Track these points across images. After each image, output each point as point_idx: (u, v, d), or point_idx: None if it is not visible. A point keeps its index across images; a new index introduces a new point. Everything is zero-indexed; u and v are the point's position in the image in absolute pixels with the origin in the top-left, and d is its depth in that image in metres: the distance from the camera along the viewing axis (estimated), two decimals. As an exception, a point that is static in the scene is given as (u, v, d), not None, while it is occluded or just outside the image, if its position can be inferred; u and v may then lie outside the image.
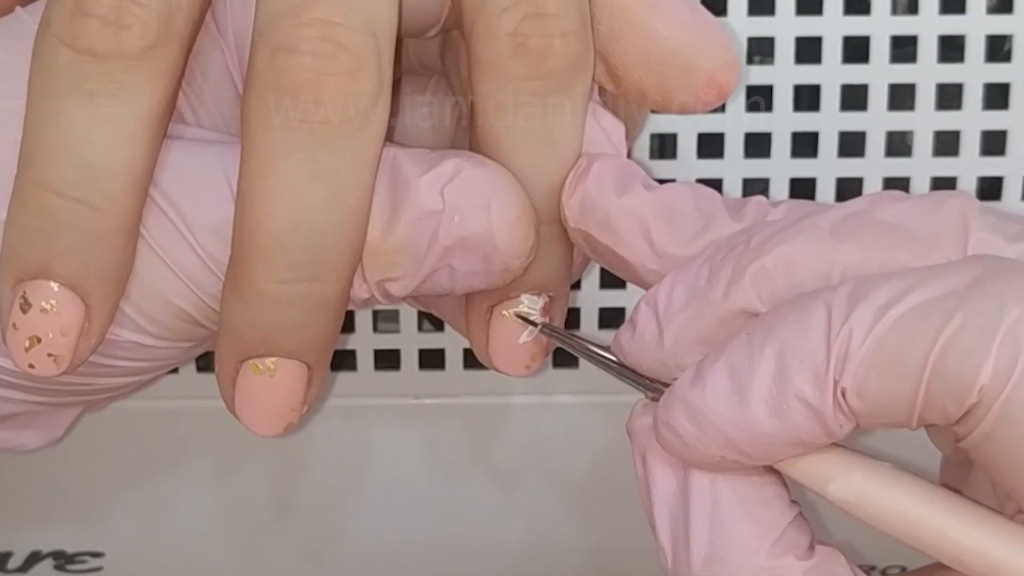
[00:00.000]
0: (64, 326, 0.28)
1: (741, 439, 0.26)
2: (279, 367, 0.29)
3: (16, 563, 0.42)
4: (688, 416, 0.27)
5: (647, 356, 0.29)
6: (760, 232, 0.28)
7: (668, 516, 0.28)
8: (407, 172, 0.29)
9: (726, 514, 0.28)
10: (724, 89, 0.30)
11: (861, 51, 0.35)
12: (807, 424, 0.26)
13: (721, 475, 0.28)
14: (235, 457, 0.40)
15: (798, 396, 0.26)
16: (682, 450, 0.27)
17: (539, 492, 0.40)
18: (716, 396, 0.26)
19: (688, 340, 0.28)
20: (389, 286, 0.29)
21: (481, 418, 0.39)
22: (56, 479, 0.40)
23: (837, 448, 0.27)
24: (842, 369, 0.25)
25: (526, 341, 0.31)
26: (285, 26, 0.27)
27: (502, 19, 0.28)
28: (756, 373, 0.26)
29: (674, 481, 0.28)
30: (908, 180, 0.36)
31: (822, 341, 0.26)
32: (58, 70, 0.27)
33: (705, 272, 0.28)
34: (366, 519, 0.41)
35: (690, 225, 0.29)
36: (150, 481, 0.40)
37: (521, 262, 0.29)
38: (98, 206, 0.27)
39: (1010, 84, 0.35)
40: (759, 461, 0.27)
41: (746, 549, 0.27)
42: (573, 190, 0.30)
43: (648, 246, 0.29)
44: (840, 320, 0.25)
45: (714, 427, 0.27)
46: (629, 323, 0.29)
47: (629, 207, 0.29)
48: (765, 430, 0.26)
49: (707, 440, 0.27)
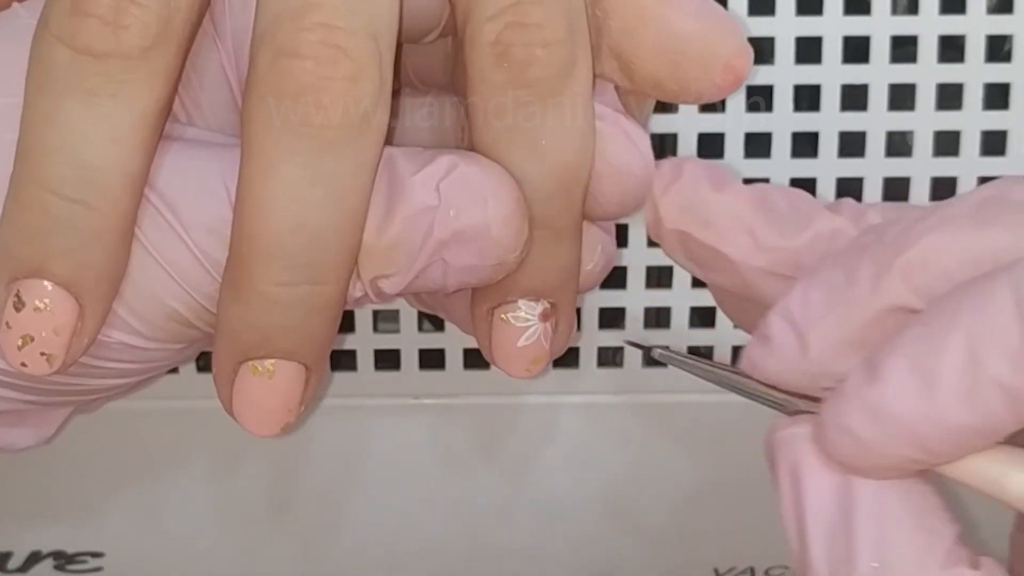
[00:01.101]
0: (58, 325, 0.28)
1: (932, 434, 0.25)
2: (278, 368, 0.29)
3: (16, 563, 0.42)
4: (869, 416, 0.26)
5: (789, 369, 0.28)
6: (892, 228, 0.27)
7: (825, 532, 0.27)
8: (401, 170, 0.29)
9: (896, 525, 0.26)
10: (740, 74, 0.30)
11: (861, 51, 0.35)
12: (1004, 410, 0.25)
13: (888, 485, 0.27)
14: (234, 457, 0.40)
15: (996, 380, 0.25)
16: (857, 454, 0.26)
17: (540, 492, 0.40)
18: (900, 391, 0.25)
19: (836, 345, 0.27)
20: (382, 283, 0.29)
21: (481, 418, 0.39)
22: (56, 479, 0.40)
23: (1001, 446, 0.26)
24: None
25: (526, 344, 0.31)
26: (287, 30, 0.27)
27: (486, 28, 0.28)
28: (944, 362, 0.25)
29: (831, 495, 0.27)
30: (908, 180, 0.36)
31: (1015, 320, 0.25)
32: (56, 69, 0.27)
33: (840, 274, 0.27)
34: (365, 519, 0.41)
35: (791, 220, 0.29)
36: (149, 481, 0.40)
37: (515, 256, 0.29)
38: (94, 205, 0.27)
39: (1010, 84, 0.35)
40: (946, 458, 0.26)
41: (919, 560, 0.26)
42: (666, 190, 0.30)
43: (752, 241, 0.29)
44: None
45: (901, 424, 0.25)
46: (761, 338, 0.28)
47: (729, 203, 0.29)
48: (958, 421, 0.25)
49: (890, 440, 0.26)
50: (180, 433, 0.39)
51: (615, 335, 0.37)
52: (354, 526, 0.41)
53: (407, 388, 0.39)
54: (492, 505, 0.41)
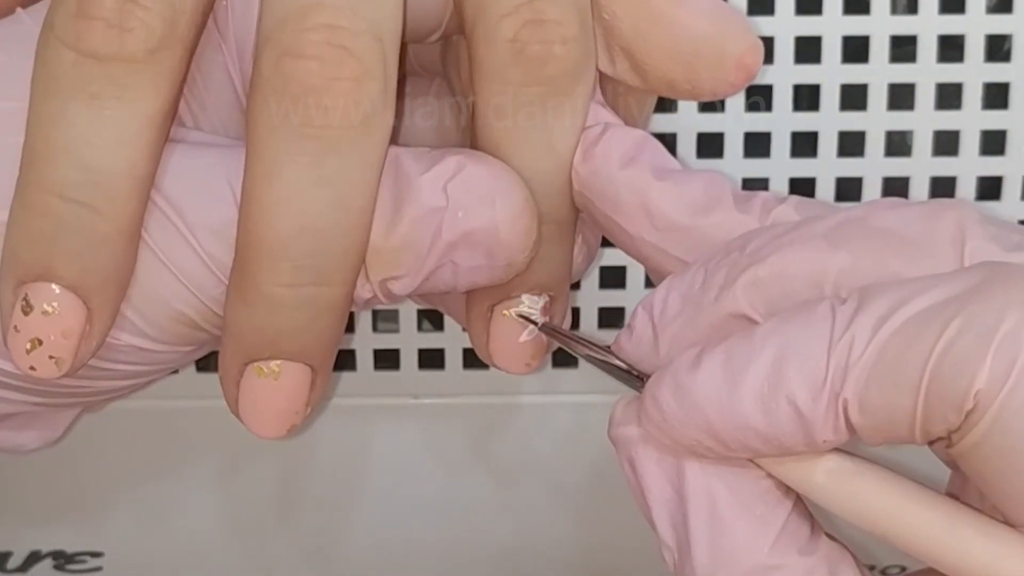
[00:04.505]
0: (66, 328, 0.28)
1: (721, 426, 0.26)
2: (284, 370, 0.29)
3: (16, 563, 0.42)
4: (674, 392, 0.27)
5: (645, 359, 0.29)
6: (757, 238, 0.28)
7: (668, 518, 0.28)
8: (409, 171, 0.29)
9: (724, 512, 0.27)
10: (752, 71, 0.30)
11: (861, 51, 0.35)
12: (791, 428, 0.26)
13: (715, 472, 0.28)
14: (235, 457, 0.40)
15: (789, 398, 0.26)
16: (660, 427, 0.27)
17: (539, 491, 0.40)
18: (706, 379, 0.26)
19: (683, 345, 0.28)
20: (391, 285, 0.29)
21: (481, 418, 0.39)
22: (56, 479, 0.40)
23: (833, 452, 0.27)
24: (843, 379, 0.25)
25: (526, 340, 0.31)
26: (291, 31, 0.27)
27: (502, 25, 0.28)
28: (752, 365, 0.26)
29: (668, 483, 0.28)
30: (908, 180, 0.36)
31: (823, 348, 0.25)
32: (61, 72, 0.27)
33: (700, 277, 0.28)
34: (366, 518, 0.41)
35: (694, 205, 0.29)
36: (150, 481, 0.40)
37: (525, 256, 0.29)
38: (100, 209, 0.27)
39: (1010, 84, 0.35)
40: (733, 453, 0.27)
41: (748, 546, 0.27)
42: (585, 154, 0.30)
43: (647, 218, 0.29)
44: (842, 328, 0.25)
45: (697, 408, 0.26)
46: (628, 327, 0.29)
47: (631, 178, 0.29)
48: (748, 423, 0.26)
49: (688, 420, 0.27)
50: (182, 433, 0.39)
51: (615, 335, 0.37)
52: (353, 525, 0.41)
53: (406, 388, 0.39)
54: (491, 504, 0.41)
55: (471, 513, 0.41)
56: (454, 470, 0.40)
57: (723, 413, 0.26)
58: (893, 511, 0.26)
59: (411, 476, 0.40)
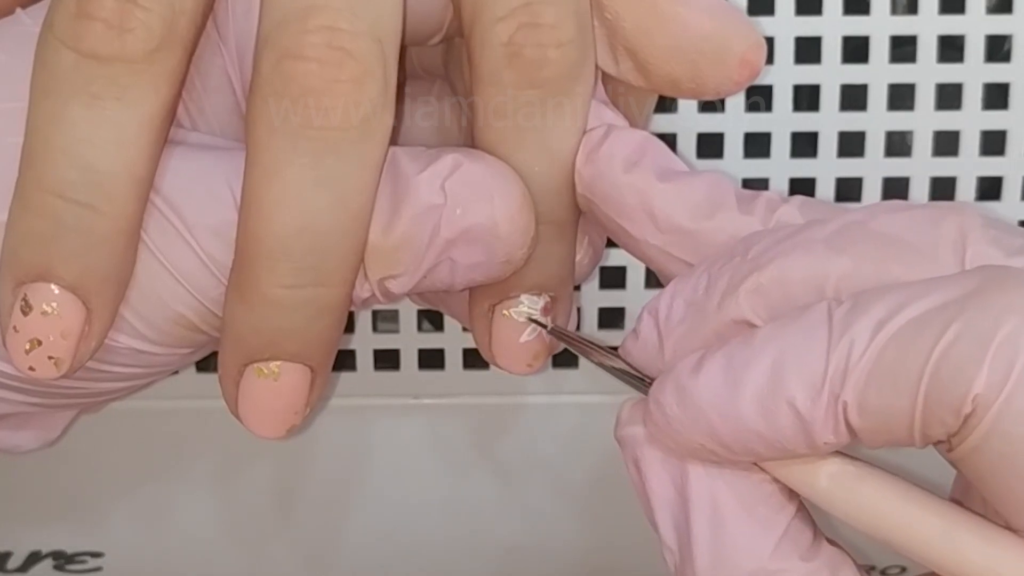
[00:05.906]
0: (65, 329, 0.28)
1: (723, 430, 0.26)
2: (283, 370, 0.29)
3: (16, 563, 0.42)
4: (677, 396, 0.27)
5: (650, 363, 0.29)
6: (760, 242, 0.28)
7: (670, 520, 0.28)
8: (406, 169, 0.29)
9: (726, 515, 0.28)
10: (756, 68, 0.30)
11: (861, 51, 0.35)
12: (791, 431, 0.26)
13: (719, 475, 0.28)
14: (235, 457, 0.40)
15: (788, 401, 0.26)
16: (664, 430, 0.27)
17: (540, 491, 0.40)
18: (707, 382, 0.27)
19: (687, 350, 0.28)
20: (390, 284, 0.29)
21: (481, 417, 0.39)
22: (56, 479, 0.40)
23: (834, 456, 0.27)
24: (842, 382, 0.25)
25: (528, 340, 0.31)
26: (291, 32, 0.27)
27: (497, 28, 0.28)
28: (752, 369, 0.26)
29: (671, 485, 0.28)
30: (907, 180, 0.36)
31: (822, 352, 0.26)
32: (61, 73, 0.27)
33: (704, 282, 0.28)
34: (366, 518, 0.41)
35: (698, 207, 0.29)
36: (150, 481, 0.40)
37: (523, 253, 0.29)
38: (100, 209, 0.27)
39: (1010, 84, 0.35)
40: (736, 456, 0.27)
41: (750, 551, 0.27)
42: (587, 157, 0.30)
43: (651, 221, 0.29)
44: (840, 332, 0.25)
45: (699, 412, 0.27)
46: (634, 332, 0.29)
47: (634, 182, 0.30)
48: (749, 426, 0.26)
49: (690, 423, 0.27)
50: (181, 433, 0.39)
51: (615, 335, 0.38)
52: (353, 525, 0.41)
53: (407, 388, 0.39)
54: (491, 504, 0.41)
55: (472, 513, 0.41)
56: (454, 470, 0.40)
57: (724, 416, 0.26)
58: (894, 515, 0.27)
59: (411, 476, 0.40)
